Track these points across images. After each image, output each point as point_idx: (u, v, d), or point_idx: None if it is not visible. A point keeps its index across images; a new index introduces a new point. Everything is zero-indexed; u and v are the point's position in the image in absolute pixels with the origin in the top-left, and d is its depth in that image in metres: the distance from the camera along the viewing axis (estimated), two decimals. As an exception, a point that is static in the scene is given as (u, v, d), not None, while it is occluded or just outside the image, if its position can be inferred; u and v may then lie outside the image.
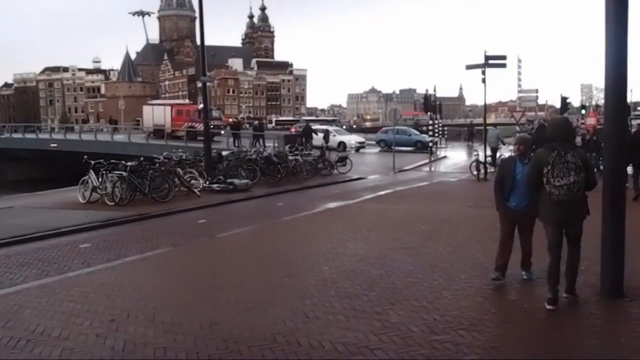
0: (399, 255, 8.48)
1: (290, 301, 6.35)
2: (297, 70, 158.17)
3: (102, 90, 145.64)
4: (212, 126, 41.12)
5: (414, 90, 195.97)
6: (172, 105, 46.29)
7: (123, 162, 16.32)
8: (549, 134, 5.90)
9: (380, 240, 9.69)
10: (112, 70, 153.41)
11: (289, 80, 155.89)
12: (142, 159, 16.86)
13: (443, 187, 19.13)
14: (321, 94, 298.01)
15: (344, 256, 8.47)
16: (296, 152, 23.19)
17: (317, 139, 31.06)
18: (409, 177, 22.92)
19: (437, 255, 8.45)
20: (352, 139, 37.89)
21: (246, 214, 14.21)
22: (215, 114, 45.20)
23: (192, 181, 18.07)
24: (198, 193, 17.18)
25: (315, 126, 38.56)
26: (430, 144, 33.80)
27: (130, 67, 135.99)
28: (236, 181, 18.63)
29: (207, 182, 18.33)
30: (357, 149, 36.21)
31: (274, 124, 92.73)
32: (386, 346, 4.95)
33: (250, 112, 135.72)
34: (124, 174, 15.54)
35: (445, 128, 48.14)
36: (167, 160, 18.00)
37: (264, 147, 29.39)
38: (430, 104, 36.93)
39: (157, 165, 16.89)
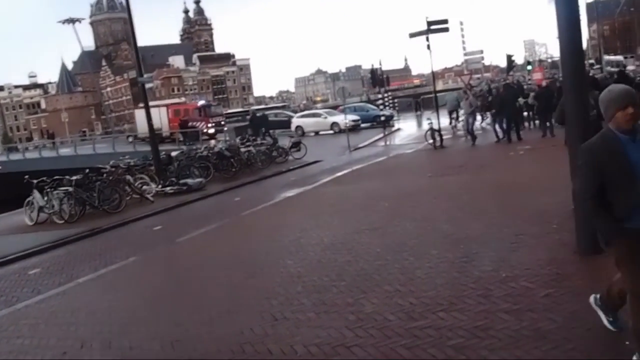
0: (365, 237, 8.13)
1: (256, 304, 5.93)
2: (240, 60, 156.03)
3: (43, 105, 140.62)
4: (213, 124, 40.62)
5: (360, 67, 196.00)
6: (167, 106, 44.12)
7: (67, 177, 15.52)
8: None
9: (343, 224, 9.32)
10: (50, 83, 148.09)
11: (233, 72, 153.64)
12: (87, 170, 16.07)
13: (401, 160, 18.92)
14: (268, 82, 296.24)
15: (308, 246, 8.08)
16: (248, 143, 22.61)
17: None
18: (365, 154, 22.63)
19: (404, 232, 8.14)
20: (346, 119, 36.51)
21: (203, 214, 13.64)
22: (217, 110, 44.32)
23: (144, 187, 17.38)
24: (151, 198, 16.51)
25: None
26: (348, 124, 33.54)
27: (68, 77, 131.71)
28: (189, 181, 18.01)
29: (160, 186, 17.65)
30: (353, 128, 35.71)
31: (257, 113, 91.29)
32: (363, 341, 4.59)
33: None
34: (70, 189, 14.76)
35: (396, 100, 48.02)
36: (115, 169, 17.25)
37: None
38: (377, 78, 36.71)
39: (104, 175, 16.14)
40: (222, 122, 41.94)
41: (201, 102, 45.69)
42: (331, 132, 34.71)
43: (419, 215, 9.14)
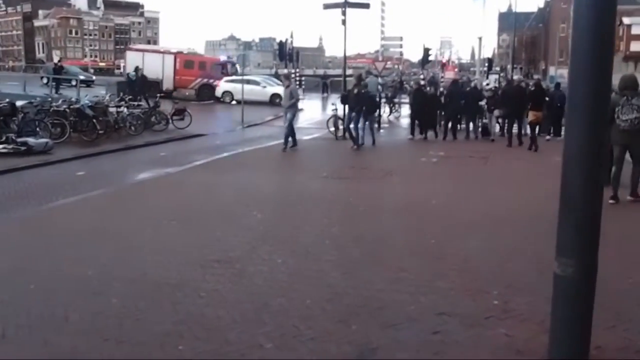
0: (211, 278, 5.28)
1: None
2: (148, 12, 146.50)
3: None
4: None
5: (274, 39, 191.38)
6: (175, 54, 35.47)
7: None
8: (621, 85, 8.18)
9: (187, 245, 6.37)
10: None
11: (139, 23, 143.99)
12: None
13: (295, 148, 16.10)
14: (176, 39, 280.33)
15: (112, 288, 5.08)
16: (120, 103, 18.91)
17: None
18: (258, 133, 19.71)
19: (270, 277, 5.36)
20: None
21: (15, 194, 9.99)
22: (233, 70, 35.38)
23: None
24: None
25: None
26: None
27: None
28: (31, 140, 14.23)
29: (-7, 143, 13.79)
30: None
31: (122, 70, 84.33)
32: None
33: (96, 56, 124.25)
34: None
35: (303, 78, 45.23)
36: None
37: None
38: (285, 52, 33.72)
39: None
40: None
41: (224, 58, 39.34)
42: (269, 104, 30.45)
43: (299, 246, 6.40)
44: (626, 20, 79.44)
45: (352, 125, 15.40)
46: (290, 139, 14.74)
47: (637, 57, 74.71)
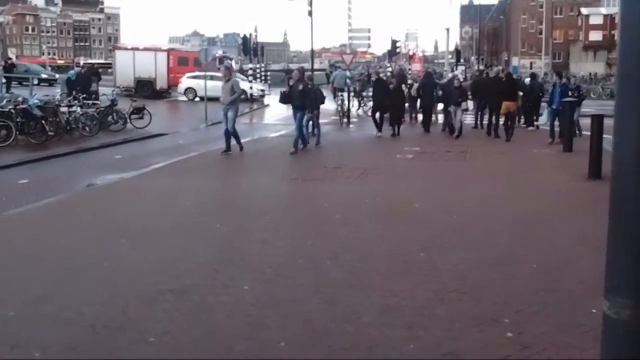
0: (163, 316, 4.33)
1: None
2: (109, 8, 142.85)
3: None
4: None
5: (239, 35, 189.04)
6: (168, 51, 34.08)
7: None
8: None
9: (136, 270, 5.37)
10: None
11: (99, 19, 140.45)
12: None
13: (263, 146, 15.08)
14: (138, 36, 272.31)
15: (37, 335, 4.09)
16: (73, 102, 17.60)
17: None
18: (222, 132, 18.62)
19: (236, 309, 4.43)
20: (254, 87, 30.96)
21: None
22: (228, 63, 33.86)
23: None
24: None
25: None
26: (257, 93, 29.37)
27: None
28: (-29, 145, 13.02)
29: None
30: (261, 97, 31.10)
31: (83, 68, 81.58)
32: None
33: (54, 54, 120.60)
34: None
35: (269, 73, 44.12)
36: None
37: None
38: (249, 46, 32.56)
39: None
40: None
41: (219, 52, 36.17)
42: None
43: (268, 265, 5.48)
44: (584, 10, 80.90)
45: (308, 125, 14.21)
46: (234, 141, 13.05)
47: (596, 47, 76.20)
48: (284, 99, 14.65)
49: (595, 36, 77.36)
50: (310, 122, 14.66)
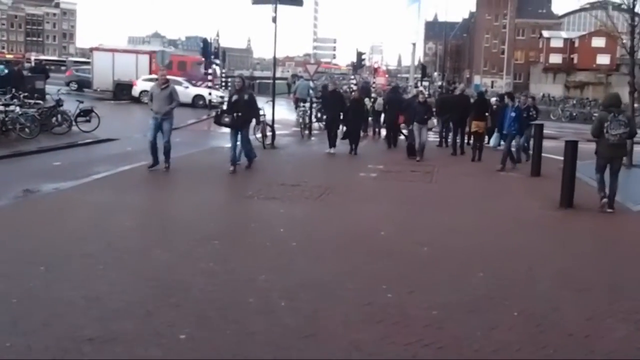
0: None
1: None
2: (65, 3, 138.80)
3: None
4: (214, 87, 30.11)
5: (201, 38, 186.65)
6: (150, 54, 31.76)
7: None
8: (606, 102, 9.22)
9: (53, 310, 4.49)
10: None
11: (54, 14, 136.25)
12: None
13: (216, 157, 14.06)
14: (96, 34, 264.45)
15: None
16: (12, 101, 16.30)
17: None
18: (177, 139, 17.33)
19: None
20: (213, 94, 29.20)
21: None
22: (202, 69, 31.67)
23: None
24: None
25: None
26: (215, 100, 28.25)
27: None
28: None
29: None
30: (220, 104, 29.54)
31: (32, 64, 78.53)
32: None
33: (3, 48, 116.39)
34: None
35: (229, 79, 43.16)
36: None
37: None
38: (209, 50, 31.50)
39: None
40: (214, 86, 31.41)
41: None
42: (191, 106, 28.05)
43: (212, 306, 4.64)
44: (545, 33, 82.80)
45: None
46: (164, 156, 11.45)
47: (555, 69, 77.94)
48: (217, 120, 12.35)
49: (556, 59, 79.36)
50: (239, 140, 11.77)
